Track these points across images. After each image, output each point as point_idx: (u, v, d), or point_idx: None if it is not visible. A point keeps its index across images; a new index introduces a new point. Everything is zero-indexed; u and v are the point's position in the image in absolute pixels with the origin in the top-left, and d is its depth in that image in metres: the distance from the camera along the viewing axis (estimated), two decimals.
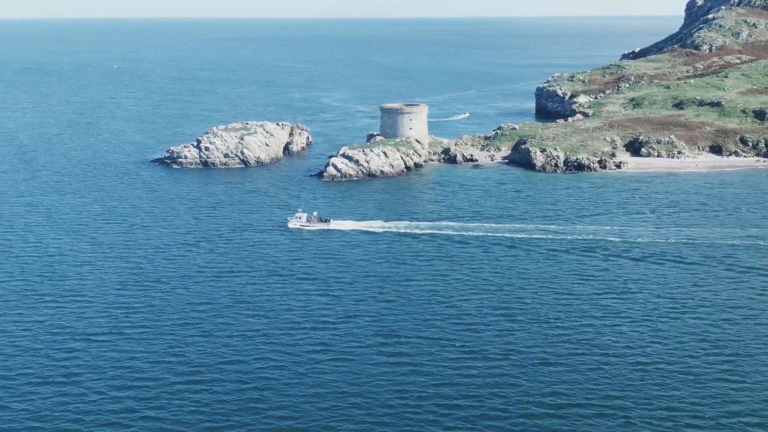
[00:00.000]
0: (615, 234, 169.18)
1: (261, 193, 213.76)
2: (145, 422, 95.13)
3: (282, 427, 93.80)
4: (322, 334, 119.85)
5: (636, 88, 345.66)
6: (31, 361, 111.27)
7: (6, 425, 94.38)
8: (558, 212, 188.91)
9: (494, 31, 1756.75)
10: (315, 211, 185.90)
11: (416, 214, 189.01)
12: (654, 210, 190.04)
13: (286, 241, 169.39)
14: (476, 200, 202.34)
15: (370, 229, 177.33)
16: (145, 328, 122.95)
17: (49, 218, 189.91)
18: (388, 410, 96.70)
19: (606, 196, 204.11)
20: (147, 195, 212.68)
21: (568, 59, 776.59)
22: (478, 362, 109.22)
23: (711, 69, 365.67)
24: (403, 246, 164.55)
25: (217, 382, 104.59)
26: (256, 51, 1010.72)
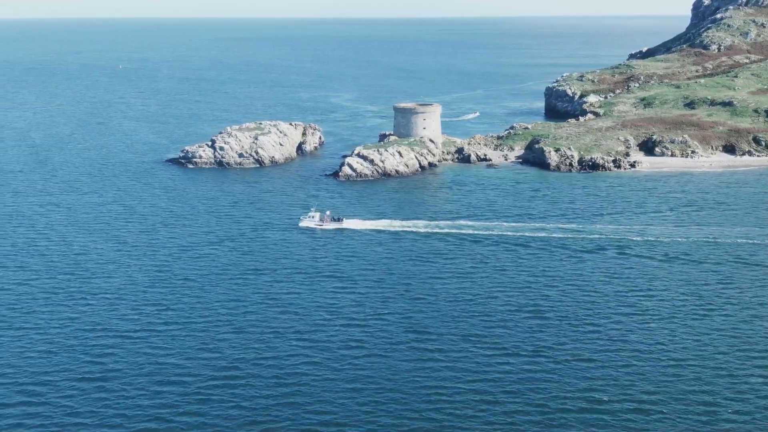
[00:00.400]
0: (636, 233, 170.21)
1: (279, 193, 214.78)
2: (187, 417, 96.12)
3: (322, 421, 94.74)
4: (353, 331, 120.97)
5: (646, 87, 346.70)
6: (68, 359, 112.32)
7: (49, 421, 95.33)
8: (577, 211, 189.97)
9: (494, 31, 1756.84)
10: (328, 210, 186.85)
11: (435, 214, 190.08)
12: (672, 209, 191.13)
13: (309, 240, 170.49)
14: (494, 199, 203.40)
15: (383, 228, 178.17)
16: (177, 326, 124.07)
17: (71, 217, 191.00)
18: (426, 405, 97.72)
19: (623, 196, 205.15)
20: (165, 194, 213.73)
21: (571, 59, 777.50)
22: (511, 359, 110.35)
23: (720, 69, 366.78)
24: (425, 245, 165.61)
25: (254, 378, 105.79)
26: (259, 51, 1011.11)
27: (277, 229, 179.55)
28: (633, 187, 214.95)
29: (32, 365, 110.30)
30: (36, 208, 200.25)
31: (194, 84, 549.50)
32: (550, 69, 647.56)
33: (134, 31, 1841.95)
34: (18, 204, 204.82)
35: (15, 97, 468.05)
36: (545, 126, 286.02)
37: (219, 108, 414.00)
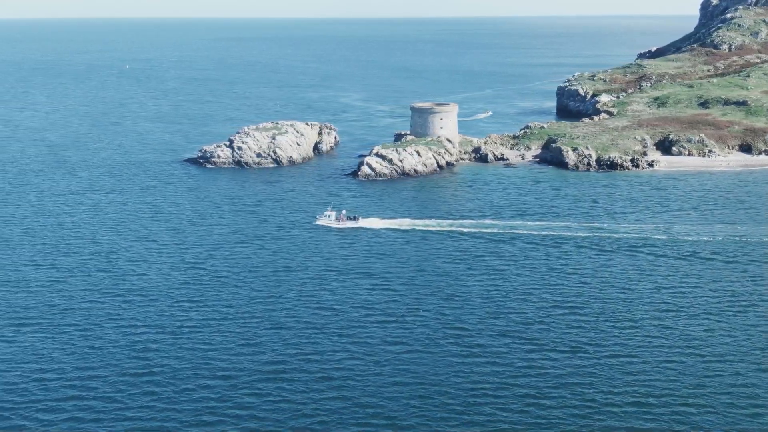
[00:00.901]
0: (661, 232, 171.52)
1: (301, 192, 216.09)
2: (238, 410, 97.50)
3: (371, 414, 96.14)
4: (392, 328, 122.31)
5: (659, 87, 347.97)
6: (113, 355, 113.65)
7: (102, 416, 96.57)
8: (600, 210, 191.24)
9: (494, 31, 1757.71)
10: (344, 209, 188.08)
11: (458, 213, 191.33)
12: (695, 208, 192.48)
13: (337, 238, 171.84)
14: (516, 198, 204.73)
15: (400, 227, 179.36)
16: (216, 322, 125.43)
17: (97, 216, 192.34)
18: (473, 399, 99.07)
19: (645, 195, 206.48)
20: (188, 194, 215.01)
21: (575, 59, 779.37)
22: (551, 356, 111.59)
23: (731, 68, 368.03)
24: (452, 243, 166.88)
25: (300, 373, 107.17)
26: (261, 51, 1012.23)
27: (303, 227, 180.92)
28: (653, 186, 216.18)
29: (78, 361, 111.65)
30: (62, 207, 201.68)
31: (203, 84, 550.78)
32: (555, 69, 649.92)
33: (134, 32, 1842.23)
34: (43, 203, 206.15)
35: (26, 97, 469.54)
36: (561, 125, 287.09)
37: (230, 108, 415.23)
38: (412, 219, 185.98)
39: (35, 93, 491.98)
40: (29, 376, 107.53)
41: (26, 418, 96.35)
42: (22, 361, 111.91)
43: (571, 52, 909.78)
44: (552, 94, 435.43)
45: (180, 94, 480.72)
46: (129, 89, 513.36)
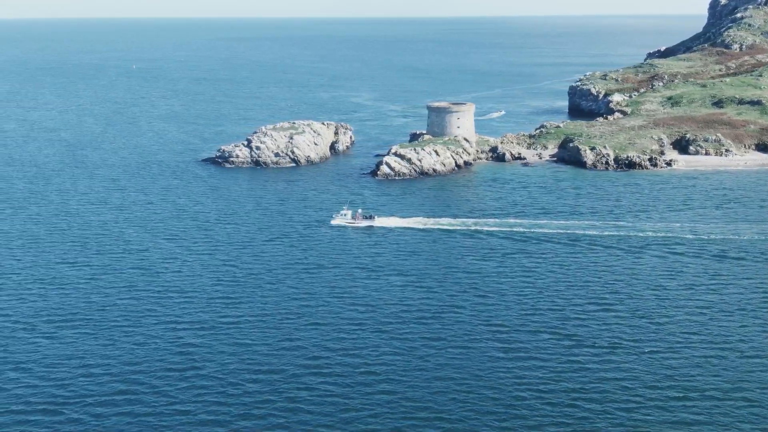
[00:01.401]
0: (686, 231, 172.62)
1: (322, 191, 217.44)
2: (285, 403, 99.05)
3: (418, 407, 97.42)
4: (430, 324, 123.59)
5: (672, 87, 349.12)
6: (154, 353, 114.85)
7: (152, 409, 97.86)
8: (624, 209, 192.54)
9: (497, 31, 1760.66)
10: (359, 208, 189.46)
11: (482, 212, 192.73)
12: (718, 206, 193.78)
13: (363, 237, 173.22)
14: (538, 197, 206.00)
15: (417, 225, 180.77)
16: (254, 319, 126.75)
17: (123, 216, 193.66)
18: (519, 394, 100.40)
19: (666, 193, 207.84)
20: (211, 193, 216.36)
21: (581, 58, 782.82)
22: (591, 352, 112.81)
23: (743, 68, 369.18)
24: (479, 242, 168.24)
25: (343, 367, 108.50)
26: (266, 51, 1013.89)
27: (329, 226, 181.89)
28: (674, 185, 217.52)
29: (123, 357, 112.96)
30: (86, 206, 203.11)
31: (212, 84, 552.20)
32: (561, 68, 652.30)
33: (135, 32, 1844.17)
34: (66, 202, 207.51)
35: (37, 96, 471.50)
36: (577, 125, 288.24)
37: (242, 108, 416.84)
38: (435, 218, 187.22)
39: (46, 93, 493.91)
40: (76, 371, 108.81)
41: (79, 413, 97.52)
42: (68, 358, 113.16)
43: (576, 52, 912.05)
44: (562, 93, 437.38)
45: (190, 94, 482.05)
46: (139, 89, 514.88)
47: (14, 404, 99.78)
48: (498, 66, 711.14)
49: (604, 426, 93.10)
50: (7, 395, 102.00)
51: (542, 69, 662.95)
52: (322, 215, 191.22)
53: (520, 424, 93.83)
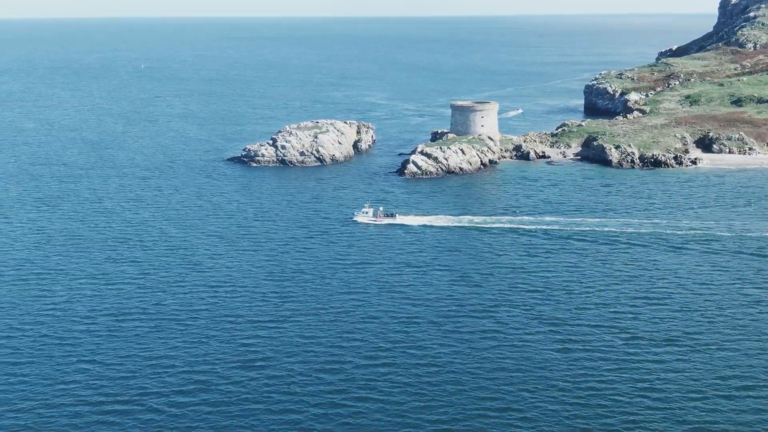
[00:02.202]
0: (723, 228, 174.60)
1: (354, 189, 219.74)
2: (360, 392, 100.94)
3: (485, 397, 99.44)
4: (484, 321, 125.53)
5: (689, 85, 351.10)
6: (219, 346, 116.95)
7: (225, 398, 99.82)
8: (658, 207, 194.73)
9: (502, 29, 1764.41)
10: (381, 206, 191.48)
11: (516, 209, 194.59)
12: (750, 204, 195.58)
13: (404, 234, 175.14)
14: (570, 195, 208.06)
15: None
16: (309, 315, 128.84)
17: (160, 214, 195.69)
18: (587, 384, 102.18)
19: (697, 191, 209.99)
20: (243, 191, 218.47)
21: (590, 57, 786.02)
22: (649, 346, 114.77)
23: (758, 67, 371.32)
24: (518, 240, 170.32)
25: (407, 360, 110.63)
26: (273, 51, 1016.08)
27: (368, 223, 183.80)
28: (702, 183, 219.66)
29: (190, 351, 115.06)
30: (122, 205, 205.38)
31: (224, 84, 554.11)
32: (570, 67, 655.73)
33: (137, 32, 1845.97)
34: (101, 201, 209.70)
35: (51, 96, 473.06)
36: (599, 123, 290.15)
37: (258, 106, 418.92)
38: (470, 216, 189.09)
39: (59, 92, 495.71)
40: (145, 363, 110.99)
41: (157, 404, 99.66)
42: (134, 352, 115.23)
43: (583, 51, 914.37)
44: (574, 92, 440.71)
45: (204, 94, 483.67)
46: (152, 88, 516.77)
47: (91, 396, 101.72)
48: (506, 65, 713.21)
49: (677, 415, 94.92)
50: (83, 387, 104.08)
51: (551, 68, 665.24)
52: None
53: (592, 413, 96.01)
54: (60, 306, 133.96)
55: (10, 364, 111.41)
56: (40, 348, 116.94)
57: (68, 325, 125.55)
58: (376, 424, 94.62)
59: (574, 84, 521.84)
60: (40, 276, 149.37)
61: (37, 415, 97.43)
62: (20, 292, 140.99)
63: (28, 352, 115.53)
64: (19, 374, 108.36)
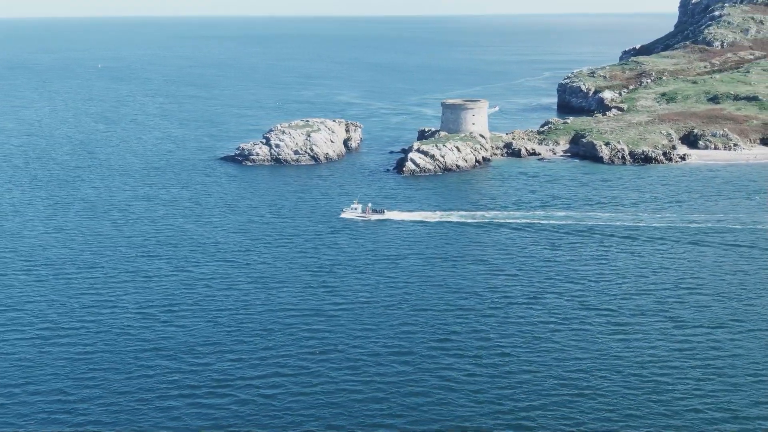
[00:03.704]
0: (733, 221, 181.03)
1: (359, 186, 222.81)
2: (439, 384, 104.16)
3: (562, 384, 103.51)
4: (534, 309, 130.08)
5: (662, 83, 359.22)
6: (286, 339, 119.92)
7: (305, 387, 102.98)
8: (665, 201, 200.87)
9: (454, 30, 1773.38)
10: (369, 202, 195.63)
11: (526, 205, 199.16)
12: (749, 197, 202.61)
13: (425, 229, 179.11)
14: (575, 191, 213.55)
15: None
16: (361, 306, 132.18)
17: (177, 212, 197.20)
18: (654, 372, 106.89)
19: (697, 186, 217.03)
20: (251, 189, 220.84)
21: (547, 55, 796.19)
22: (700, 331, 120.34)
23: (727, 64, 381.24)
24: (539, 234, 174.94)
25: (473, 349, 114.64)
26: (231, 49, 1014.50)
27: (385, 221, 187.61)
28: (698, 178, 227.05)
29: (257, 343, 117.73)
30: (134, 203, 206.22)
31: (190, 84, 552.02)
32: (532, 66, 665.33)
33: (86, 31, 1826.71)
34: (110, 199, 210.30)
35: (20, 96, 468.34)
36: (584, 121, 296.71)
37: (233, 106, 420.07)
38: (482, 212, 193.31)
39: (26, 92, 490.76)
40: (224, 356, 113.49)
41: (246, 393, 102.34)
42: (204, 343, 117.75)
43: (540, 50, 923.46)
44: (542, 89, 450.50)
45: (173, 95, 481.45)
46: (117, 88, 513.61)
47: (178, 389, 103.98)
48: (467, 64, 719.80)
49: (751, 396, 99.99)
50: (166, 381, 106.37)
51: (511, 67, 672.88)
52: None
53: (670, 397, 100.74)
54: (112, 301, 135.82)
55: (83, 361, 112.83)
56: (111, 342, 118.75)
57: (127, 320, 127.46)
58: (462, 410, 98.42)
59: (540, 82, 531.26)
60: (80, 273, 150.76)
61: (126, 407, 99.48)
62: (67, 288, 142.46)
63: (99, 346, 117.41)
64: (97, 368, 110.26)
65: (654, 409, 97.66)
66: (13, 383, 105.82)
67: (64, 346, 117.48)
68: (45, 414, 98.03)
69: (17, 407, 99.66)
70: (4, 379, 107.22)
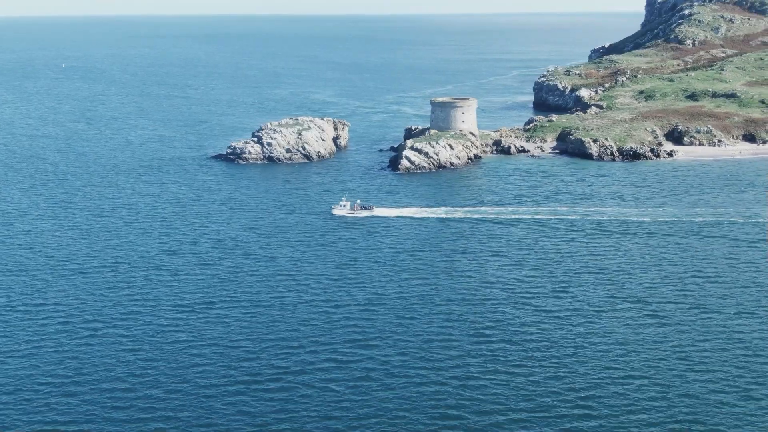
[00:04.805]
0: (732, 214, 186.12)
1: (359, 183, 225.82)
2: (495, 368, 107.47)
3: (609, 368, 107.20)
4: (567, 300, 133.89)
5: (639, 81, 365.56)
6: (327, 329, 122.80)
7: (359, 374, 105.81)
8: (663, 196, 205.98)
9: (413, 29, 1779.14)
10: (358, 199, 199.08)
11: (531, 200, 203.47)
12: (747, 191, 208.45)
13: (441, 225, 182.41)
14: (573, 186, 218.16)
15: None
16: (395, 299, 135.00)
17: (186, 209, 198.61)
18: (706, 355, 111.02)
19: (690, 181, 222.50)
20: (254, 187, 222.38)
21: (511, 54, 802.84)
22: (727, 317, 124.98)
23: (700, 62, 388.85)
24: (549, 229, 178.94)
25: (515, 335, 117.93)
26: (187, 48, 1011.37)
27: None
28: (689, 173, 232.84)
29: (304, 335, 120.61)
30: (139, 200, 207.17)
31: (160, 83, 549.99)
32: (498, 64, 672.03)
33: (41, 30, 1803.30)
34: (115, 198, 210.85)
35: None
36: (569, 119, 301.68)
37: (210, 104, 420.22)
38: (486, 207, 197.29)
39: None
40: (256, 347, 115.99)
41: (301, 382, 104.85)
42: (250, 334, 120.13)
43: (502, 49, 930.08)
44: (514, 87, 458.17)
45: (147, 94, 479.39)
46: (88, 88, 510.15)
47: (237, 382, 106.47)
48: (430, 63, 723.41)
49: None
50: (223, 373, 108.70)
51: (477, 65, 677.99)
52: (377, 205, 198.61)
53: (714, 377, 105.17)
54: (147, 296, 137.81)
55: (134, 355, 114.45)
56: (157, 336, 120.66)
57: (167, 314, 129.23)
58: (520, 394, 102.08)
59: (510, 81, 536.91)
60: (106, 269, 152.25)
61: (193, 401, 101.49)
62: (98, 284, 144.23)
63: (148, 340, 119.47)
64: (152, 362, 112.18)
65: (704, 390, 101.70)
66: (68, 378, 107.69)
67: (114, 341, 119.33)
68: (111, 407, 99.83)
69: (84, 404, 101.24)
70: (67, 373, 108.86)
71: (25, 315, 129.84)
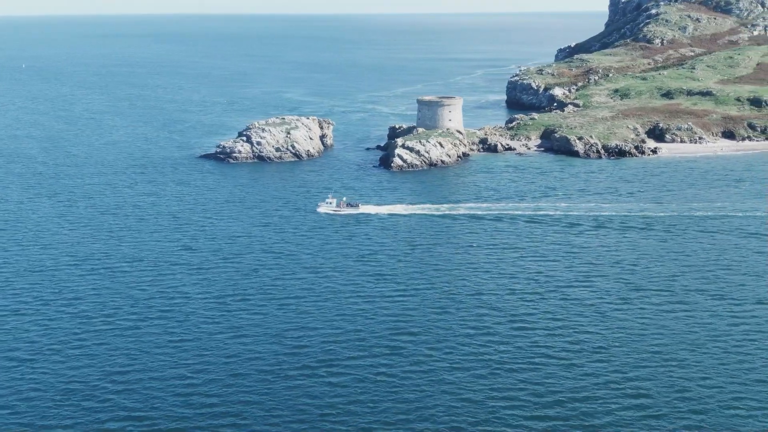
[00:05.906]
0: (732, 210, 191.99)
1: (355, 181, 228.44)
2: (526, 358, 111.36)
3: (652, 352, 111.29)
4: (586, 293, 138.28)
5: (611, 80, 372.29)
6: (366, 323, 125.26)
7: (407, 364, 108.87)
8: (659, 191, 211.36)
9: (365, 28, 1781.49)
10: (344, 196, 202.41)
11: (528, 196, 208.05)
12: (738, 185, 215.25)
13: (450, 221, 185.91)
14: (570, 182, 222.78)
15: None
16: (421, 292, 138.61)
17: (192, 207, 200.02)
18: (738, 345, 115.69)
19: (678, 177, 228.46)
20: (251, 187, 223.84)
21: (472, 54, 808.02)
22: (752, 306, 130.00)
23: (670, 61, 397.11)
24: (555, 225, 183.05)
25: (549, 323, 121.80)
26: (143, 48, 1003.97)
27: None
28: (677, 169, 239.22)
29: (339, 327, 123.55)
30: (141, 199, 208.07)
31: (128, 84, 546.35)
32: (460, 64, 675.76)
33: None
34: (116, 196, 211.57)
35: None
36: (551, 116, 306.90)
37: (185, 104, 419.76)
38: (488, 203, 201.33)
39: None
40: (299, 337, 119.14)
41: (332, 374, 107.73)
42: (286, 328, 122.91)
43: (462, 49, 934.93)
44: (483, 87, 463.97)
45: (115, 93, 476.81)
46: (57, 88, 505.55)
47: (294, 369, 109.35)
48: (392, 62, 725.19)
49: None
50: (276, 362, 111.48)
51: (440, 65, 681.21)
52: (380, 203, 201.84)
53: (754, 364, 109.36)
54: (179, 290, 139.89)
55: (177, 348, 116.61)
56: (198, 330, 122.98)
57: (203, 308, 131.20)
58: (568, 383, 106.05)
59: (476, 80, 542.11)
60: (129, 265, 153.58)
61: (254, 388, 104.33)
62: (126, 280, 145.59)
63: (191, 334, 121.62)
64: (201, 354, 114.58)
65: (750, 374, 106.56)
66: (125, 374, 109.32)
67: (157, 334, 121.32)
68: (174, 398, 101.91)
69: (150, 399, 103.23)
70: (122, 368, 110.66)
71: (63, 312, 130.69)
